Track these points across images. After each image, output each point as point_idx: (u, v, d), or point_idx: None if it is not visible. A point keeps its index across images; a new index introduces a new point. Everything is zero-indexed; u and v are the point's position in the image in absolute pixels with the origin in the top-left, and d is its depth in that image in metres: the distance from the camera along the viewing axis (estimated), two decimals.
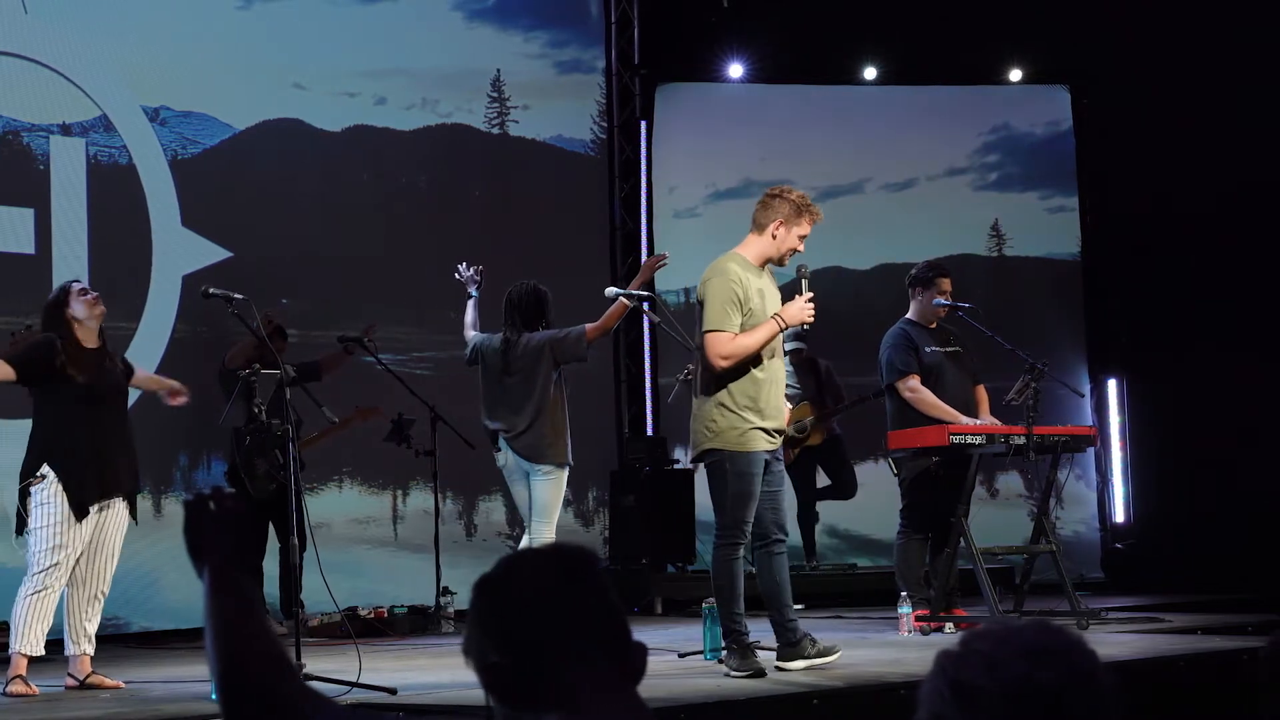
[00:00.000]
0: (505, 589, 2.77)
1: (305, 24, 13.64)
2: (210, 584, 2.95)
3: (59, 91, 12.20)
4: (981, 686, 2.37)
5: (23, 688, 8.36)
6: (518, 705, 2.71)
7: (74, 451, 8.57)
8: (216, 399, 11.28)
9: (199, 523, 3.01)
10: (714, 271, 8.35)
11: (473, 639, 2.76)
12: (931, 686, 2.44)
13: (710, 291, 8.28)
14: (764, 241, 8.47)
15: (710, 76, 16.09)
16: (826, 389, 13.66)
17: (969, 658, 2.41)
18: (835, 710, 7.43)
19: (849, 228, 15.79)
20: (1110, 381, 16.22)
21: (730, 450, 8.20)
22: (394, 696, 7.45)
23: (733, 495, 8.20)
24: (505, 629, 2.72)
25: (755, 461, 8.23)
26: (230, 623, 2.92)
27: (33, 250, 11.88)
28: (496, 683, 2.72)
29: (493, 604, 2.76)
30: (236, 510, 3.02)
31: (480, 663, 2.74)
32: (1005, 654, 2.39)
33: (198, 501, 3.02)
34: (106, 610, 9.05)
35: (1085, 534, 16.07)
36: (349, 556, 13.05)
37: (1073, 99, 16.62)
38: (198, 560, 2.99)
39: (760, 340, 8.24)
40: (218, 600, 2.94)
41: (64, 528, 8.48)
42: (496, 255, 13.49)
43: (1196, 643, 9.55)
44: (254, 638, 2.91)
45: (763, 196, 8.56)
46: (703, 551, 14.50)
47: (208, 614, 2.93)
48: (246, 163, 13.26)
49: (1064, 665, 2.38)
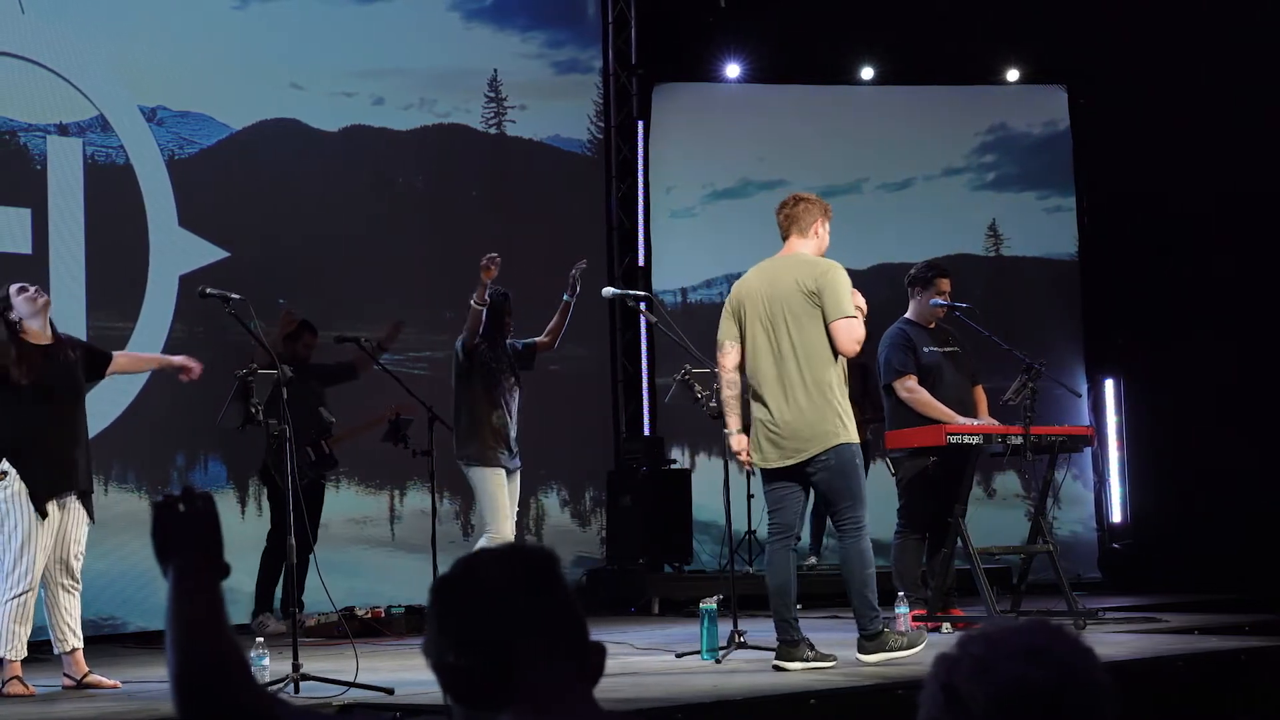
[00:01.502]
0: (463, 589, 2.78)
1: (302, 24, 13.63)
2: (174, 584, 2.93)
3: (56, 91, 12.19)
4: (971, 691, 2.37)
5: (19, 688, 8.37)
6: (475, 705, 2.73)
7: (31, 449, 8.55)
8: (213, 399, 11.27)
9: (166, 524, 2.99)
10: (826, 264, 8.73)
11: (430, 639, 2.78)
12: (927, 688, 2.44)
13: (836, 282, 8.62)
14: (811, 241, 8.91)
15: (707, 77, 16.09)
16: (869, 394, 13.61)
17: (961, 661, 2.41)
18: (833, 710, 7.43)
19: (846, 227, 15.73)
20: (1107, 381, 16.22)
21: (856, 441, 8.71)
22: (391, 696, 7.46)
23: (861, 486, 8.65)
24: (463, 629, 2.73)
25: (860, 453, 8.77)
26: (191, 623, 2.90)
27: (29, 250, 11.86)
28: (454, 683, 2.73)
29: (450, 604, 2.77)
30: (207, 511, 3.01)
31: (438, 663, 2.75)
32: (998, 657, 2.38)
33: (166, 503, 3.01)
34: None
35: (1082, 534, 16.07)
36: (346, 556, 13.06)
37: (1070, 99, 16.63)
38: (163, 560, 2.98)
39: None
40: (178, 599, 2.92)
41: (30, 526, 8.46)
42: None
43: (1194, 643, 9.56)
44: (214, 639, 2.89)
45: (792, 204, 8.97)
46: (699, 552, 14.53)
47: (169, 613, 2.92)
48: (244, 163, 13.26)
49: (1061, 665, 2.38)
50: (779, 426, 8.61)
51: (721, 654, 8.90)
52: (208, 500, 3.03)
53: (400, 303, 13.60)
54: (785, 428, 8.61)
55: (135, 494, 12.12)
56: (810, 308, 8.59)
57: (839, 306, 8.55)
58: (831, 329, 8.56)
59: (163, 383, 11.91)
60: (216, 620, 2.92)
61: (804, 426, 8.58)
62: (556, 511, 14.79)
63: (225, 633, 2.92)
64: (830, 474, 8.58)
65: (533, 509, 14.55)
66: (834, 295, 8.56)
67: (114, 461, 12.02)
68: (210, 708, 2.86)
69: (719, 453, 10.92)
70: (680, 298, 15.93)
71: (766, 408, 8.65)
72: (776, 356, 8.64)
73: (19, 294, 8.71)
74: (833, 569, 14.24)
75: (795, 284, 8.62)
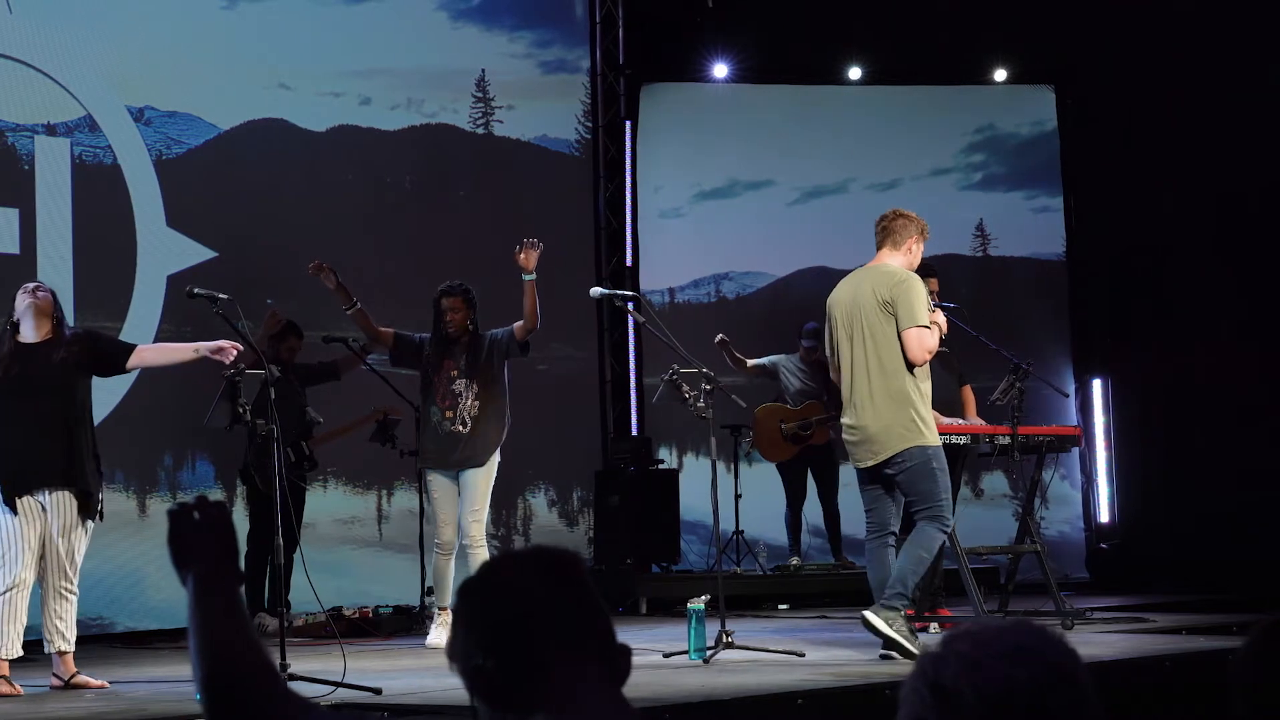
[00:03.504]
0: (488, 591, 2.77)
1: (290, 24, 13.63)
2: (195, 591, 2.95)
3: (44, 91, 12.18)
4: (960, 688, 2.37)
5: (6, 688, 8.35)
6: (503, 707, 2.71)
7: (2, 444, 8.56)
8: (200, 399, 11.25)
9: (182, 532, 3.01)
10: (902, 275, 9.06)
11: (458, 641, 2.77)
12: (911, 688, 2.44)
13: (909, 292, 8.97)
14: (902, 256, 9.21)
15: (695, 77, 16.09)
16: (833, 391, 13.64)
17: (948, 659, 2.41)
18: (821, 709, 7.43)
19: (833, 228, 15.82)
20: (1095, 381, 16.24)
21: (934, 446, 8.97)
22: (379, 696, 7.45)
23: (941, 485, 8.92)
24: (488, 631, 2.73)
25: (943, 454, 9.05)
26: (215, 629, 2.92)
27: (17, 250, 11.86)
28: (482, 685, 2.72)
29: (476, 606, 2.77)
30: (221, 519, 3.03)
31: (465, 665, 2.74)
32: (985, 655, 2.39)
33: (181, 511, 3.03)
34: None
35: (1070, 534, 16.09)
36: (334, 556, 13.06)
37: (1058, 99, 16.65)
38: (182, 569, 2.99)
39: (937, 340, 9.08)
40: (203, 607, 2.94)
41: (4, 521, 8.44)
42: (480, 255, 13.50)
43: (1181, 643, 9.57)
44: (239, 643, 2.91)
45: (891, 218, 9.34)
46: (686, 552, 14.53)
47: (192, 620, 2.94)
48: (231, 163, 13.24)
49: (1045, 665, 2.39)
50: (858, 430, 9.07)
51: (709, 654, 8.90)
52: (222, 508, 3.06)
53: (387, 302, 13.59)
54: (862, 432, 9.06)
55: (123, 494, 12.10)
56: (885, 317, 8.97)
57: (911, 316, 8.91)
58: (902, 337, 8.94)
59: (150, 383, 11.90)
60: (242, 627, 2.94)
61: (880, 431, 8.98)
62: (544, 511, 14.78)
63: (252, 639, 2.94)
64: (908, 475, 8.96)
65: (520, 509, 14.55)
66: (907, 305, 8.92)
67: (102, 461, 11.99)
68: (237, 711, 2.87)
69: (706, 453, 10.92)
70: (668, 297, 15.93)
71: (850, 413, 9.12)
72: (856, 364, 9.08)
73: (19, 293, 8.75)
74: (819, 568, 14.31)
75: (872, 293, 9.03)
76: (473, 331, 10.67)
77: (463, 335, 10.63)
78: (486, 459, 10.58)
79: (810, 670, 8.42)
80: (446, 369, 10.62)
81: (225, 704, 2.88)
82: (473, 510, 10.54)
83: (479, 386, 10.59)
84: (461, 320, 10.63)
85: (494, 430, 10.60)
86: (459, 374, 10.60)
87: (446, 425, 10.55)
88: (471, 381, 10.59)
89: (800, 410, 13.79)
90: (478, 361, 10.61)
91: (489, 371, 10.64)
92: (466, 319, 10.64)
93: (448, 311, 10.64)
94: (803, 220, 16.15)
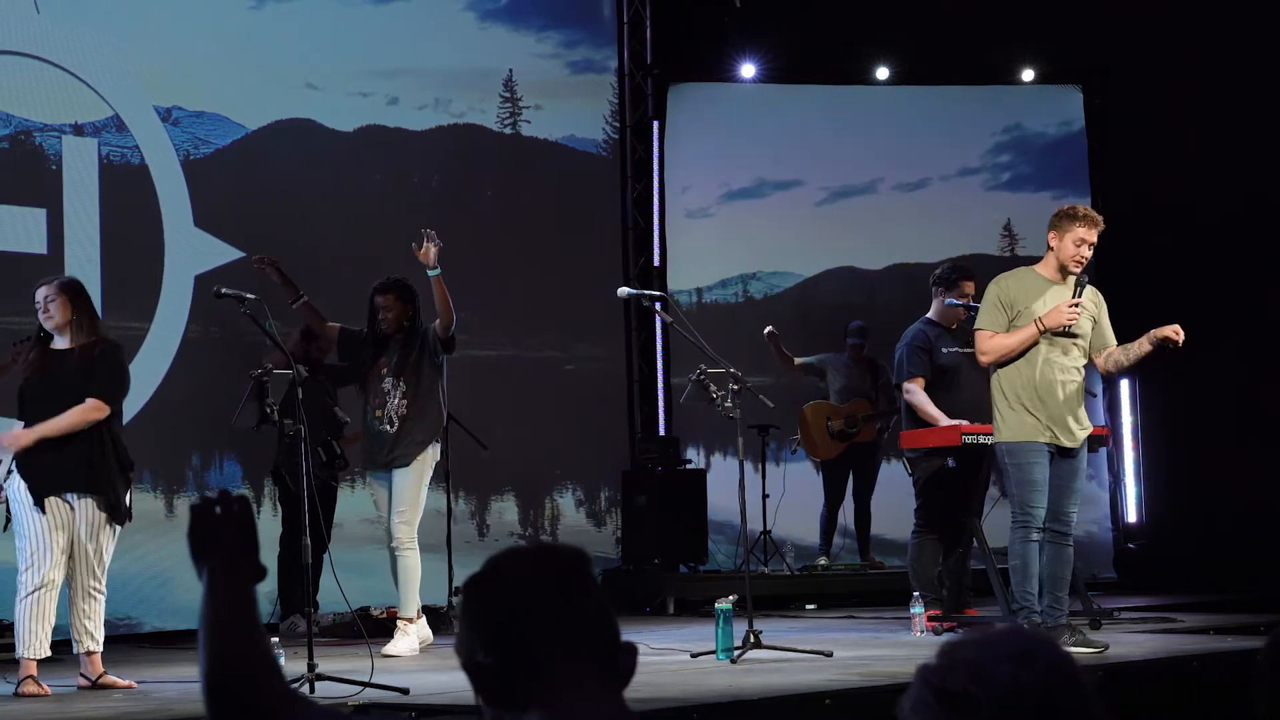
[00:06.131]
0: (491, 588, 2.78)
1: (318, 24, 13.64)
2: (208, 584, 2.96)
3: (71, 92, 12.21)
4: (971, 694, 2.39)
5: (34, 688, 8.37)
6: (501, 704, 2.73)
7: (28, 448, 8.58)
8: (228, 399, 11.27)
9: (202, 526, 3.02)
10: (997, 277, 9.46)
11: (461, 638, 2.78)
12: (916, 698, 2.45)
13: (986, 293, 9.41)
14: (1050, 256, 9.38)
15: (723, 77, 16.08)
16: (882, 390, 13.62)
17: (954, 667, 2.44)
18: (848, 710, 7.42)
19: (861, 228, 15.82)
20: (1123, 382, 16.19)
21: (1008, 442, 9.11)
22: (406, 696, 7.46)
23: (1015, 483, 9.10)
24: (491, 628, 2.74)
25: (1031, 450, 9.05)
26: (224, 623, 2.93)
27: (45, 250, 11.89)
28: (483, 682, 2.73)
29: (479, 603, 2.78)
30: (242, 514, 3.03)
31: (468, 661, 2.75)
32: (991, 659, 2.41)
33: (204, 504, 3.03)
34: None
35: (1098, 534, 16.05)
36: (361, 556, 13.03)
37: (1085, 99, 16.61)
38: (199, 561, 3.00)
39: (1019, 340, 9.13)
40: (213, 601, 2.95)
41: (34, 524, 8.47)
42: (508, 256, 13.52)
43: (1209, 643, 9.56)
44: (245, 639, 2.92)
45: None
46: (714, 552, 14.52)
47: (202, 613, 2.95)
48: (259, 163, 13.27)
49: (1047, 666, 2.43)
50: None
51: (737, 654, 8.89)
52: (244, 503, 3.06)
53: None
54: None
55: (151, 494, 12.12)
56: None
57: (979, 318, 9.38)
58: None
59: (178, 383, 11.93)
60: (247, 620, 2.95)
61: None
62: (572, 511, 14.77)
63: (255, 633, 2.94)
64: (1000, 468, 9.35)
65: (548, 509, 14.55)
66: (981, 306, 9.40)
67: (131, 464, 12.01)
68: (236, 706, 2.88)
69: (734, 453, 10.92)
70: (696, 297, 15.92)
71: None
72: None
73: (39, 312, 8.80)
74: (847, 568, 14.30)
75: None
76: (409, 329, 10.40)
77: (397, 333, 10.39)
78: (413, 459, 10.32)
79: (838, 670, 8.41)
80: (378, 367, 10.41)
81: (221, 695, 2.89)
82: (399, 511, 10.36)
83: (406, 385, 10.32)
84: (395, 318, 10.37)
85: (420, 430, 10.33)
86: (388, 372, 10.36)
87: (376, 424, 10.35)
88: (399, 380, 10.34)
89: (847, 407, 13.76)
90: (407, 360, 10.37)
91: (419, 370, 10.36)
92: (401, 316, 10.37)
93: (380, 309, 10.41)
94: (830, 220, 16.13)
